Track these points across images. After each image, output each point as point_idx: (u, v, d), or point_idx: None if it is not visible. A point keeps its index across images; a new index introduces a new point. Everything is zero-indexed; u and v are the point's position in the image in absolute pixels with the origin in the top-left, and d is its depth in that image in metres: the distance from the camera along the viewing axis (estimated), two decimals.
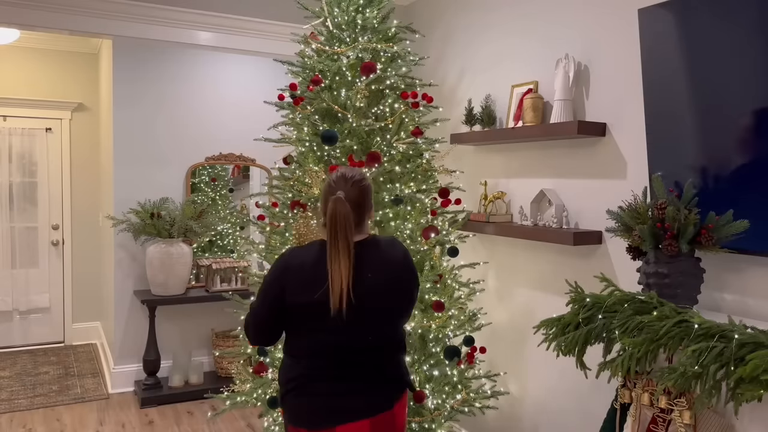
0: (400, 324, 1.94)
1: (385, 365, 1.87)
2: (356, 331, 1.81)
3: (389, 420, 1.83)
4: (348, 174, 1.86)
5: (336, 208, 1.74)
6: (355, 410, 1.79)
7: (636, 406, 2.20)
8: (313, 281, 1.79)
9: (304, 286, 1.79)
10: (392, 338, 1.90)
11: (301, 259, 1.84)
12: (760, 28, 1.94)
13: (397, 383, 1.91)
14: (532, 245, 3.09)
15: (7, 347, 5.50)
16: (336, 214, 1.74)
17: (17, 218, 5.50)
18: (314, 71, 2.78)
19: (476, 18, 3.51)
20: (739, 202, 2.03)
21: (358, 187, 1.84)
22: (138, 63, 4.50)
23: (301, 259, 1.84)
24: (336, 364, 1.81)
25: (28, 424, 3.88)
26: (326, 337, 1.80)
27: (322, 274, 1.77)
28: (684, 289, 2.09)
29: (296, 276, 1.81)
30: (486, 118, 3.25)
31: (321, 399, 1.80)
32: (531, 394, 3.13)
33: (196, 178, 4.76)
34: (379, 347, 1.85)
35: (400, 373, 1.92)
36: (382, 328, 1.86)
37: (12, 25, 3.41)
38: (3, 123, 5.40)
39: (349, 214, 1.75)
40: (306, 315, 1.81)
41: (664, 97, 2.26)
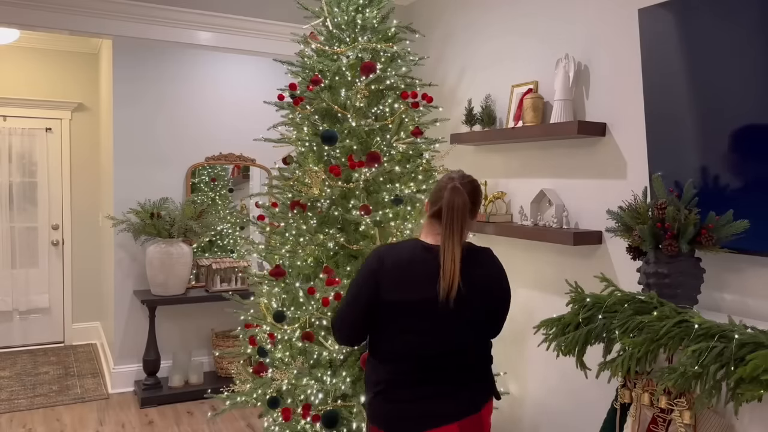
0: (491, 331, 1.95)
1: (474, 368, 1.86)
2: (449, 330, 1.80)
3: (477, 423, 1.82)
4: (463, 173, 1.89)
5: (454, 198, 1.77)
6: (443, 414, 1.78)
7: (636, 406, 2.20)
8: (408, 279, 1.79)
9: (399, 284, 1.79)
10: (485, 342, 1.92)
11: (396, 257, 1.83)
12: (761, 28, 1.94)
13: (486, 387, 1.90)
14: (532, 245, 3.09)
15: (7, 347, 5.50)
16: (453, 202, 1.76)
17: (17, 218, 5.50)
18: (314, 71, 2.78)
19: (476, 18, 3.51)
20: (739, 202, 2.03)
21: (472, 185, 1.86)
22: (138, 63, 4.50)
23: (396, 256, 1.84)
24: (421, 367, 1.80)
25: (28, 424, 3.88)
26: (414, 339, 1.79)
27: (416, 272, 1.79)
28: (684, 289, 2.09)
29: (391, 273, 1.81)
30: (486, 118, 3.24)
31: (407, 405, 1.79)
32: (531, 394, 3.12)
33: (196, 178, 4.76)
34: (468, 350, 1.84)
35: (490, 377, 1.93)
36: (477, 328, 1.86)
37: (12, 25, 3.41)
38: (3, 123, 5.40)
39: (466, 204, 1.78)
40: (398, 313, 1.80)
41: (664, 97, 2.26)
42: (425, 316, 1.78)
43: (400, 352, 1.82)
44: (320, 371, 2.57)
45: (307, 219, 2.72)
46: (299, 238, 2.70)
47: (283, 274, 2.64)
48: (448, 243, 1.75)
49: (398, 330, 1.81)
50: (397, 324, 1.81)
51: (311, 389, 2.52)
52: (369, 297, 1.82)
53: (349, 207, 2.68)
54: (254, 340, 2.78)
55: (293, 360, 2.65)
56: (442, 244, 1.76)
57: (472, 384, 1.85)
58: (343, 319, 1.89)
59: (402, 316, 1.80)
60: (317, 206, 2.75)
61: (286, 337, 2.67)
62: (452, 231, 1.75)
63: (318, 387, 2.52)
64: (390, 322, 1.82)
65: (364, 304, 1.83)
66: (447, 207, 1.77)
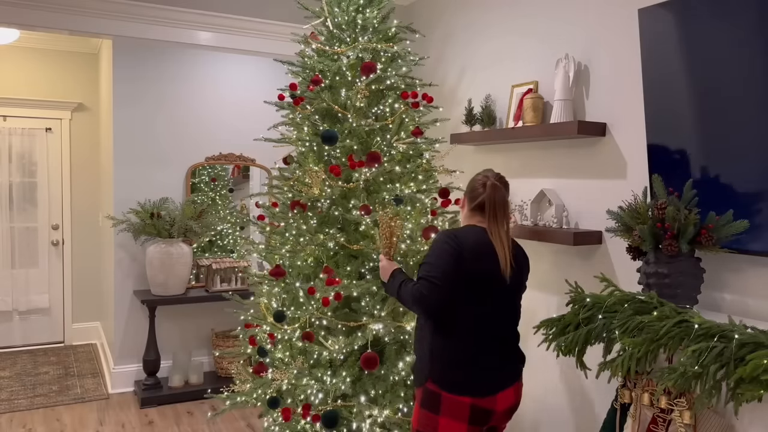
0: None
1: (518, 340, 2.22)
2: (512, 304, 2.16)
3: (520, 388, 2.18)
4: (494, 171, 2.19)
5: (495, 193, 2.11)
6: (509, 378, 2.12)
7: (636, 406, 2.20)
8: (481, 254, 2.06)
9: (476, 258, 2.04)
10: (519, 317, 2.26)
11: (465, 237, 2.08)
12: (760, 28, 1.94)
13: (522, 358, 2.23)
14: (532, 245, 3.09)
15: (7, 347, 5.50)
16: (495, 197, 2.10)
17: (17, 218, 5.50)
18: (314, 71, 2.78)
19: (476, 18, 3.51)
20: (739, 202, 2.03)
21: (505, 182, 2.18)
22: (138, 63, 4.49)
23: (468, 237, 2.09)
24: (499, 338, 2.11)
25: (28, 424, 3.88)
26: (490, 311, 2.08)
27: (485, 250, 2.07)
28: (684, 289, 2.09)
29: (468, 249, 2.04)
30: (486, 118, 3.24)
31: (491, 372, 2.07)
32: (531, 393, 3.12)
33: (196, 178, 4.76)
34: (516, 324, 2.20)
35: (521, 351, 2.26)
36: (519, 305, 2.21)
37: (12, 25, 3.41)
38: (3, 123, 5.40)
39: (506, 197, 2.14)
40: (478, 284, 2.05)
41: (664, 97, 2.26)
42: (497, 291, 2.08)
43: (480, 323, 2.07)
44: (320, 371, 2.57)
45: (307, 219, 2.72)
46: (299, 238, 2.70)
47: (283, 274, 2.64)
48: (494, 229, 2.09)
49: (478, 301, 2.06)
50: (477, 295, 2.05)
51: (311, 389, 2.52)
52: (454, 267, 2.01)
53: (349, 207, 2.68)
54: (254, 340, 2.78)
55: (293, 360, 2.65)
56: (491, 233, 2.09)
57: (519, 353, 2.22)
58: (433, 288, 2.01)
59: (482, 286, 2.05)
60: (317, 206, 2.75)
61: (286, 337, 2.67)
62: (497, 220, 2.09)
63: (318, 387, 2.52)
64: (471, 295, 2.05)
65: (454, 270, 2.02)
66: (489, 201, 2.10)
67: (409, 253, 2.67)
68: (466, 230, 2.13)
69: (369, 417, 2.49)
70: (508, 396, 2.10)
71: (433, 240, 2.11)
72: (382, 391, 2.56)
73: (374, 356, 2.38)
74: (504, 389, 2.08)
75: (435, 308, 2.05)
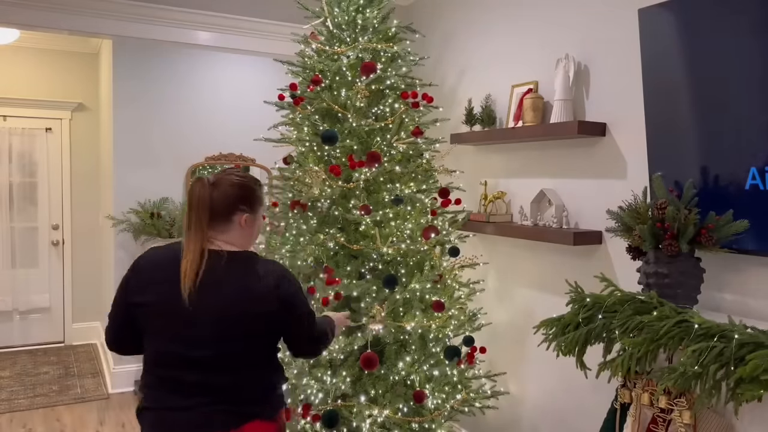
0: None
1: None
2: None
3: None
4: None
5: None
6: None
7: (636, 406, 2.20)
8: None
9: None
10: None
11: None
12: (761, 28, 1.94)
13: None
14: (532, 245, 3.09)
15: (7, 347, 5.50)
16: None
17: (17, 218, 5.50)
18: (314, 71, 2.78)
19: (476, 18, 3.51)
20: (739, 201, 2.03)
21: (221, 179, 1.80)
22: (138, 63, 4.49)
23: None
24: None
25: (28, 424, 3.88)
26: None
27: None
28: (684, 289, 2.09)
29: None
30: (486, 118, 3.24)
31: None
32: (531, 394, 3.12)
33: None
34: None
35: None
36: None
37: (12, 25, 3.40)
38: (3, 123, 5.39)
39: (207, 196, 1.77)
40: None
41: (664, 97, 2.26)
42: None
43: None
44: (320, 371, 2.57)
45: (307, 219, 2.72)
46: (299, 238, 2.70)
47: None
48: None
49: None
50: None
51: (311, 389, 2.52)
52: None
53: (349, 207, 2.68)
54: None
55: (293, 360, 2.65)
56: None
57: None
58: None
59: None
60: (317, 206, 2.75)
61: None
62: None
63: (318, 387, 2.52)
64: None
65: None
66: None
67: (409, 253, 2.67)
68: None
69: (369, 417, 2.49)
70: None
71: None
72: (382, 391, 2.57)
73: (374, 356, 2.38)
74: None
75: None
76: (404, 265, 2.73)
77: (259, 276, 1.67)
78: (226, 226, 1.70)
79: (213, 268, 1.63)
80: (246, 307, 1.63)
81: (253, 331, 1.65)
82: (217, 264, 1.64)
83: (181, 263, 1.62)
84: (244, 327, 1.64)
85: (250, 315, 1.63)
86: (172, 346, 1.63)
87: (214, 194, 1.68)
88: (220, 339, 1.62)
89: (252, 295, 1.64)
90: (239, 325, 1.63)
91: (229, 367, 1.64)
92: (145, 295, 1.67)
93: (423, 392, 2.50)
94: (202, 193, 1.66)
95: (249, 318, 1.63)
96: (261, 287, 1.65)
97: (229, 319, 1.62)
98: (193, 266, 1.61)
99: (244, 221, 1.73)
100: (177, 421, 1.65)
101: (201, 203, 1.65)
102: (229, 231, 1.71)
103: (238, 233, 1.73)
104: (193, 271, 1.60)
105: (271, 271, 1.70)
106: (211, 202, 1.67)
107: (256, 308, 1.64)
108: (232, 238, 1.71)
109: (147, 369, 1.72)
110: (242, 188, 1.73)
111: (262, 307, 1.64)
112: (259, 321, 1.65)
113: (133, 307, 1.69)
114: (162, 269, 1.67)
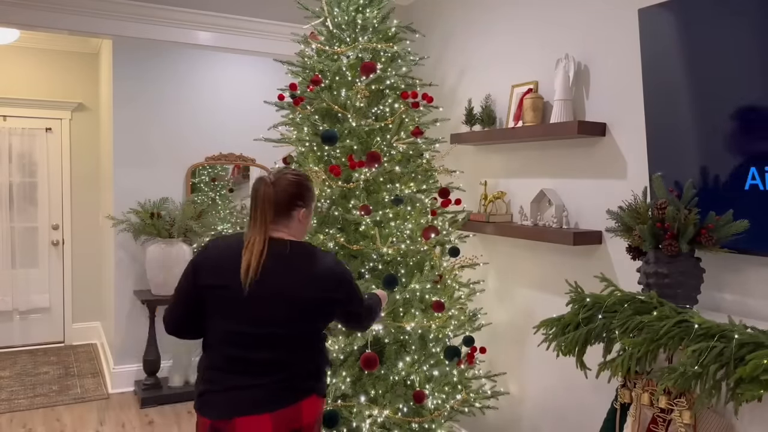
0: None
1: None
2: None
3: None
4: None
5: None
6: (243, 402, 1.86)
7: (636, 406, 2.20)
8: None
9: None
10: None
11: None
12: (760, 28, 1.94)
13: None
14: (532, 245, 3.09)
15: (7, 347, 5.50)
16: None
17: (17, 218, 5.50)
18: (314, 71, 2.78)
19: (476, 18, 3.51)
20: (739, 201, 2.03)
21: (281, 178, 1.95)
22: (138, 63, 4.49)
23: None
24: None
25: (28, 424, 3.88)
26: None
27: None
28: (684, 289, 2.09)
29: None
30: (486, 118, 3.24)
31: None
32: (531, 394, 3.13)
33: (196, 178, 4.76)
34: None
35: None
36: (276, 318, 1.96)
37: (12, 25, 3.40)
38: (3, 123, 5.39)
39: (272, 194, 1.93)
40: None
41: (664, 97, 2.26)
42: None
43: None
44: None
45: None
46: None
47: None
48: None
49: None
50: None
51: None
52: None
53: (349, 207, 2.68)
54: None
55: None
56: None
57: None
58: None
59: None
60: (317, 206, 2.75)
61: None
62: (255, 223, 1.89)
63: None
64: None
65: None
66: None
67: (409, 253, 2.67)
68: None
69: (369, 417, 2.49)
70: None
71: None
72: (382, 391, 2.57)
73: (374, 356, 2.38)
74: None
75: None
76: (404, 265, 2.73)
77: (320, 261, 1.84)
78: (287, 220, 1.86)
79: (279, 254, 1.79)
80: (311, 289, 1.79)
81: (316, 311, 1.81)
82: (282, 250, 1.81)
83: (245, 250, 1.77)
84: (310, 307, 1.79)
85: (314, 296, 1.79)
86: (242, 326, 1.76)
87: (277, 191, 1.83)
88: (287, 319, 1.76)
89: (316, 277, 1.80)
90: (304, 305, 1.78)
91: (294, 345, 1.79)
92: (217, 277, 1.80)
93: (423, 392, 2.50)
94: (266, 191, 1.82)
95: (313, 299, 1.79)
96: (323, 271, 1.82)
97: (295, 299, 1.77)
98: (258, 253, 1.75)
99: (302, 215, 1.89)
100: (243, 400, 1.75)
101: (266, 199, 1.81)
102: (289, 225, 1.87)
103: (296, 226, 1.89)
104: (257, 256, 1.75)
105: (328, 258, 1.88)
106: (276, 198, 1.83)
107: (320, 290, 1.80)
108: (291, 231, 1.88)
109: (213, 349, 1.83)
110: (299, 186, 1.89)
111: (324, 289, 1.81)
112: (322, 302, 1.82)
113: (204, 289, 1.82)
114: (233, 251, 1.81)
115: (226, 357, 1.79)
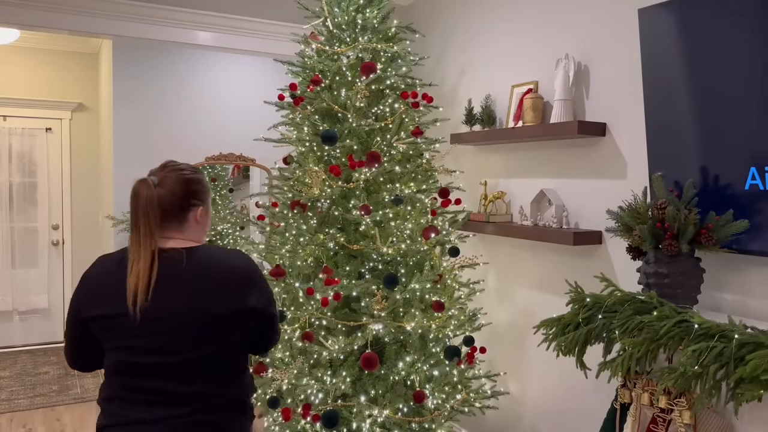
0: None
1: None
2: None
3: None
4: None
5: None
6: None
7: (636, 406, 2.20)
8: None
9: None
10: None
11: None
12: (761, 28, 1.94)
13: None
14: (532, 245, 3.09)
15: (7, 347, 5.50)
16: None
17: (17, 218, 5.50)
18: (314, 71, 2.78)
19: (476, 18, 3.51)
20: (739, 201, 2.03)
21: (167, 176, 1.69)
22: (138, 63, 4.49)
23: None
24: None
25: (28, 424, 3.88)
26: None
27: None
28: (684, 289, 2.09)
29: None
30: (486, 118, 3.24)
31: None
32: (531, 394, 3.13)
33: None
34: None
35: None
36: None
37: (12, 25, 3.40)
38: (3, 123, 5.39)
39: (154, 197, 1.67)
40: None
41: (664, 97, 2.26)
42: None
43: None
44: (320, 371, 2.57)
45: (307, 219, 2.72)
46: (299, 238, 2.70)
47: (283, 274, 2.64)
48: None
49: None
50: None
51: (311, 389, 2.52)
52: None
53: (349, 207, 2.68)
54: None
55: (293, 360, 2.65)
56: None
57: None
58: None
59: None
60: (317, 206, 2.75)
61: (286, 337, 2.67)
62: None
63: (318, 387, 2.52)
64: None
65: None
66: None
67: (409, 253, 2.67)
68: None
69: (369, 417, 2.49)
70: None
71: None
72: (382, 391, 2.57)
73: (374, 356, 2.38)
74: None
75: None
76: (404, 265, 2.73)
77: (224, 264, 1.56)
78: (181, 225, 1.60)
79: (172, 269, 1.51)
80: (217, 301, 1.50)
81: (227, 326, 1.52)
82: (177, 263, 1.52)
83: (131, 269, 1.49)
84: (218, 323, 1.51)
85: (220, 310, 1.51)
86: (138, 357, 1.49)
87: (162, 193, 1.57)
88: (192, 344, 1.49)
89: (221, 285, 1.52)
90: (210, 323, 1.50)
91: (199, 373, 1.51)
92: (101, 307, 1.52)
93: (423, 392, 2.50)
94: (149, 195, 1.55)
95: (220, 313, 1.50)
96: (229, 274, 1.55)
97: (197, 319, 1.49)
98: (145, 272, 1.47)
99: (200, 214, 1.64)
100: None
101: (150, 205, 1.54)
102: (184, 229, 1.60)
103: (193, 228, 1.63)
104: (145, 277, 1.47)
105: (235, 257, 1.60)
106: (162, 201, 1.56)
107: (229, 299, 1.52)
108: (187, 235, 1.61)
109: (109, 381, 1.57)
110: (190, 182, 1.63)
111: (233, 297, 1.53)
112: (232, 313, 1.52)
113: (89, 322, 1.55)
114: (115, 273, 1.53)
115: (125, 388, 1.52)
